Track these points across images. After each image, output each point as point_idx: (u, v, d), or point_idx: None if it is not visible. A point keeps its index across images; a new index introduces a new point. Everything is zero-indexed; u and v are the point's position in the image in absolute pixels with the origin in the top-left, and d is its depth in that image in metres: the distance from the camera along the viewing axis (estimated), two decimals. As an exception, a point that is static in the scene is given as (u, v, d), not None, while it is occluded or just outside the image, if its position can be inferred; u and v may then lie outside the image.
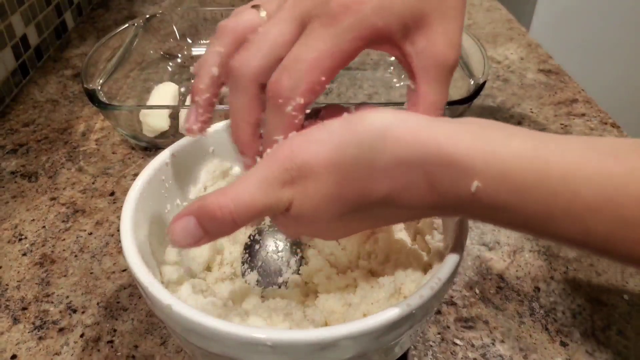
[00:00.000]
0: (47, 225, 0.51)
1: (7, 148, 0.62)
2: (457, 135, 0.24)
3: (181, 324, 0.27)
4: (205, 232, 0.26)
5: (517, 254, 0.48)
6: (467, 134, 0.24)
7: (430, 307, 0.28)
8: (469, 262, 0.47)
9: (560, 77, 0.74)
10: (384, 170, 0.25)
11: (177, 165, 0.38)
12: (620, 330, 0.41)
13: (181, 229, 0.26)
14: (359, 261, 0.38)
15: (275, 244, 0.39)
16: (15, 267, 0.47)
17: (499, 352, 0.39)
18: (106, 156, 0.60)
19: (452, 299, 0.44)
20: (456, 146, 0.24)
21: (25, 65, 0.74)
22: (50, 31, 0.82)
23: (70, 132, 0.65)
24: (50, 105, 0.70)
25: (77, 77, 0.75)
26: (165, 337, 0.41)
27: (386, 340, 0.28)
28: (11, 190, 0.55)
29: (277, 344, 0.25)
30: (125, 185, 0.56)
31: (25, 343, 0.40)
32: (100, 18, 0.94)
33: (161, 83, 0.67)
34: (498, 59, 0.79)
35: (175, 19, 0.77)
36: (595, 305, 0.43)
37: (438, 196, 0.25)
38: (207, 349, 0.28)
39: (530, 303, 0.43)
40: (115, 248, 0.48)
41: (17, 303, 0.43)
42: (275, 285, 0.37)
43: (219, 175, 0.41)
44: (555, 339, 0.41)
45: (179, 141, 0.39)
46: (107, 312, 0.42)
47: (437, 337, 0.41)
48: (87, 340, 0.40)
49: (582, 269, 0.46)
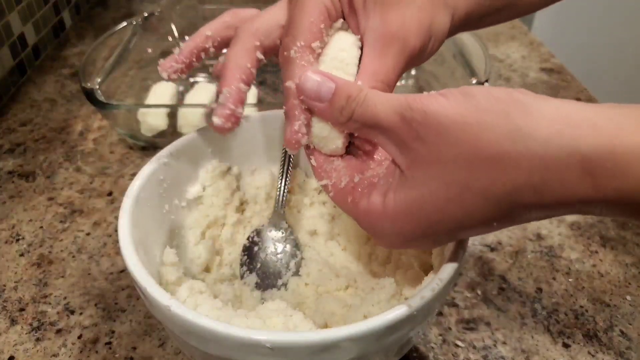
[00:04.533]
0: (45, 226, 0.51)
1: (5, 148, 0.61)
2: (617, 118, 0.21)
3: (180, 326, 0.27)
4: (331, 103, 0.28)
5: (519, 255, 0.47)
6: (630, 118, 0.21)
7: (431, 308, 0.28)
8: (470, 262, 0.47)
9: (563, 76, 0.74)
10: (531, 151, 0.22)
11: (176, 165, 0.38)
12: (623, 331, 0.41)
13: (317, 82, 0.28)
14: (360, 262, 0.37)
15: (274, 246, 0.38)
16: (12, 268, 0.46)
17: (500, 354, 0.39)
18: (104, 156, 0.60)
19: (454, 300, 0.43)
20: (620, 130, 0.21)
21: (22, 64, 0.74)
22: (48, 30, 0.82)
23: (68, 131, 0.64)
24: (48, 104, 0.69)
25: (75, 76, 0.75)
26: (164, 339, 0.40)
27: (387, 342, 0.27)
28: (8, 190, 0.55)
29: (277, 346, 0.25)
30: (123, 185, 0.56)
31: (23, 344, 0.40)
32: (99, 17, 0.93)
33: (160, 82, 0.67)
34: (500, 58, 0.79)
35: (173, 18, 0.76)
36: (597, 307, 0.43)
37: (594, 190, 0.21)
38: (206, 351, 0.28)
39: (533, 304, 0.43)
40: (114, 248, 0.48)
41: (14, 304, 0.43)
42: (275, 288, 0.37)
43: (217, 175, 0.40)
44: (557, 341, 0.40)
45: (177, 141, 0.38)
46: (105, 314, 0.42)
47: (438, 339, 0.40)
48: (85, 342, 0.40)
49: (585, 270, 0.46)
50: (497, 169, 0.23)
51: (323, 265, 0.37)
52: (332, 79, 0.28)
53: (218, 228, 0.41)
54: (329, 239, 0.40)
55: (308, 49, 0.30)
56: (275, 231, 0.39)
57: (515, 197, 0.23)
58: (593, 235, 0.50)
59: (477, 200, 0.24)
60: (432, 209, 0.25)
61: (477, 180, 0.23)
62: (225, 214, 0.41)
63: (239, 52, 0.34)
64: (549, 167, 0.22)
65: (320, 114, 0.29)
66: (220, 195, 0.40)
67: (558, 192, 0.22)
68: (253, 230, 0.39)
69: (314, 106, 0.29)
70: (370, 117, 0.27)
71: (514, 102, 0.23)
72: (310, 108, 0.29)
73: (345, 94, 0.27)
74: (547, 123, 0.22)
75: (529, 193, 0.22)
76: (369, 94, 0.27)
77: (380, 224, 0.27)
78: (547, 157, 0.22)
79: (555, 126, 0.22)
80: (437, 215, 0.25)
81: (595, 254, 0.48)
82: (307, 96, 0.28)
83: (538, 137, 0.22)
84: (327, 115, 0.28)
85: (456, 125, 0.23)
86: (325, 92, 0.28)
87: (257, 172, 0.43)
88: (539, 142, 0.22)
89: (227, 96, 0.33)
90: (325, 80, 0.28)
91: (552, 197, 0.22)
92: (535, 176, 0.22)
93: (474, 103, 0.23)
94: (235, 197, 0.42)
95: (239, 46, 0.34)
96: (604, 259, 0.47)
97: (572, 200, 0.22)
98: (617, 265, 0.46)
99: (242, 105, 0.34)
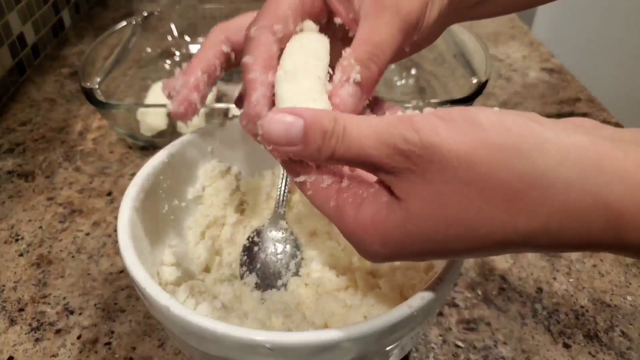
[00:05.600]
0: (44, 226, 0.51)
1: (4, 147, 0.61)
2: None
3: (179, 326, 0.27)
4: (304, 144, 0.23)
5: (519, 255, 0.47)
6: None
7: (431, 308, 0.28)
8: (471, 262, 0.46)
9: (563, 75, 0.74)
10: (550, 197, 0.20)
11: (175, 165, 0.38)
12: (624, 331, 0.41)
13: (283, 123, 0.23)
14: (360, 262, 0.37)
15: (274, 246, 0.38)
16: (12, 268, 0.46)
17: (501, 354, 0.39)
18: (103, 156, 0.60)
19: (454, 300, 0.43)
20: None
21: (22, 63, 0.74)
22: (48, 29, 0.82)
23: (67, 131, 0.64)
24: (47, 104, 0.69)
25: (75, 76, 0.75)
26: (164, 339, 0.40)
27: (387, 342, 0.27)
28: (8, 190, 0.55)
29: (277, 346, 0.25)
30: (122, 185, 0.55)
31: (22, 345, 0.40)
32: (98, 16, 0.93)
33: (159, 81, 0.67)
34: (500, 58, 0.79)
35: (173, 17, 0.76)
36: (598, 307, 0.43)
37: (616, 242, 0.20)
38: (205, 351, 0.28)
39: (533, 304, 0.43)
40: (113, 249, 0.48)
41: (14, 304, 0.43)
42: (275, 288, 0.37)
43: (217, 175, 0.40)
44: (558, 341, 0.40)
45: (176, 140, 0.38)
46: (104, 314, 0.42)
47: (438, 339, 0.40)
48: (84, 342, 0.40)
49: (585, 270, 0.46)
50: (509, 213, 0.20)
51: (323, 266, 0.37)
52: (298, 114, 0.23)
53: (218, 228, 0.40)
54: (329, 239, 0.40)
55: (269, 29, 0.30)
56: (275, 231, 0.38)
57: (526, 241, 0.21)
58: (593, 235, 0.49)
59: (482, 242, 0.22)
60: (429, 243, 0.23)
61: (485, 224, 0.21)
62: (225, 214, 0.41)
63: (205, 46, 0.35)
64: (570, 215, 0.20)
65: (297, 158, 0.25)
66: (220, 195, 0.40)
67: (575, 239, 0.20)
68: (253, 231, 0.39)
69: (287, 152, 0.24)
70: (356, 154, 0.23)
71: (528, 135, 0.20)
72: (283, 155, 0.25)
73: (319, 130, 0.23)
74: (570, 165, 0.19)
75: (544, 238, 0.21)
76: (347, 124, 0.23)
77: (369, 239, 0.25)
78: (569, 204, 0.19)
79: (577, 169, 0.19)
80: (433, 248, 0.23)
81: (596, 254, 0.48)
82: (276, 143, 0.24)
83: (558, 181, 0.19)
84: (306, 158, 0.25)
85: (461, 163, 0.21)
86: (295, 132, 0.23)
87: (257, 172, 0.43)
88: (558, 187, 0.19)
89: (183, 83, 0.34)
90: (291, 118, 0.23)
91: (567, 243, 0.21)
92: (553, 223, 0.20)
93: (482, 136, 0.21)
94: (235, 197, 0.42)
95: (207, 41, 0.35)
96: (604, 259, 0.47)
97: (589, 247, 0.21)
98: (618, 265, 0.46)
99: (198, 92, 0.34)
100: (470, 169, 0.21)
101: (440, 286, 0.27)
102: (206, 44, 0.35)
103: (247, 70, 0.29)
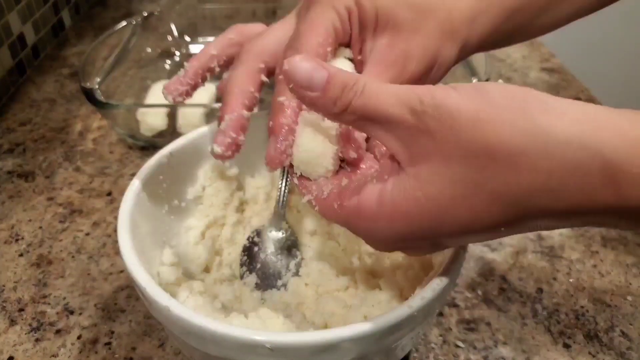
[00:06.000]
0: (44, 226, 0.51)
1: (4, 148, 0.61)
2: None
3: (180, 326, 0.27)
4: (324, 92, 0.24)
5: (520, 255, 0.47)
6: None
7: (431, 308, 0.28)
8: (471, 263, 0.46)
9: (563, 75, 0.74)
10: (551, 151, 0.20)
11: (175, 165, 0.38)
12: (624, 331, 0.41)
13: (307, 70, 0.24)
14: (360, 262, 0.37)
15: (274, 246, 0.38)
16: (12, 268, 0.46)
17: (501, 354, 0.39)
18: (103, 156, 0.60)
19: (454, 300, 0.43)
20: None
21: (22, 63, 0.74)
22: (48, 29, 0.81)
23: (67, 131, 0.64)
24: (48, 104, 0.69)
25: (75, 76, 0.75)
26: (164, 339, 0.40)
27: (387, 342, 0.27)
28: (8, 190, 0.55)
29: (277, 347, 0.25)
30: (122, 185, 0.55)
31: (22, 345, 0.40)
32: (98, 16, 0.93)
33: (159, 81, 0.67)
34: (500, 58, 0.79)
35: (173, 17, 0.76)
36: (598, 307, 0.43)
37: (615, 198, 0.20)
38: (205, 352, 0.28)
39: (533, 304, 0.43)
40: (113, 249, 0.48)
41: (14, 304, 0.43)
42: (275, 288, 0.37)
43: (217, 175, 0.40)
44: (558, 341, 0.40)
45: (176, 140, 0.38)
46: (104, 314, 0.42)
47: (439, 339, 0.40)
48: (84, 342, 0.40)
49: (585, 270, 0.46)
50: (513, 169, 0.21)
51: (323, 266, 0.37)
52: (324, 66, 0.25)
53: (218, 228, 0.40)
54: (329, 239, 0.40)
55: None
56: (275, 231, 0.38)
57: (529, 201, 0.21)
58: (594, 235, 0.49)
59: (487, 202, 0.22)
60: (435, 209, 0.23)
61: (489, 181, 0.22)
62: (225, 214, 0.41)
63: (242, 76, 0.33)
64: (569, 169, 0.20)
65: (311, 105, 0.26)
66: (220, 196, 0.40)
67: (576, 198, 0.21)
68: (253, 231, 0.39)
69: (304, 96, 0.25)
70: (372, 109, 0.24)
71: (531, 99, 0.22)
72: (300, 98, 0.26)
73: (340, 83, 0.24)
74: (569, 122, 0.20)
75: (546, 197, 0.21)
76: (368, 83, 0.24)
77: (374, 223, 0.25)
78: (568, 159, 0.20)
79: (577, 126, 0.20)
80: (440, 215, 0.23)
81: (596, 254, 0.48)
82: (298, 84, 0.25)
83: (558, 136, 0.20)
84: (319, 107, 0.25)
85: (469, 121, 0.22)
86: (318, 79, 0.24)
87: (257, 172, 0.43)
88: (559, 141, 0.20)
89: (229, 123, 0.32)
90: (317, 67, 0.25)
91: (568, 204, 0.21)
92: (554, 179, 0.21)
93: (488, 99, 0.22)
94: (235, 197, 0.42)
95: (243, 68, 0.33)
96: (604, 259, 0.47)
97: (590, 209, 0.21)
98: (618, 265, 0.46)
99: (244, 132, 0.32)
100: (477, 127, 0.22)
101: (440, 286, 0.27)
102: (243, 73, 0.33)
103: (279, 111, 0.29)
